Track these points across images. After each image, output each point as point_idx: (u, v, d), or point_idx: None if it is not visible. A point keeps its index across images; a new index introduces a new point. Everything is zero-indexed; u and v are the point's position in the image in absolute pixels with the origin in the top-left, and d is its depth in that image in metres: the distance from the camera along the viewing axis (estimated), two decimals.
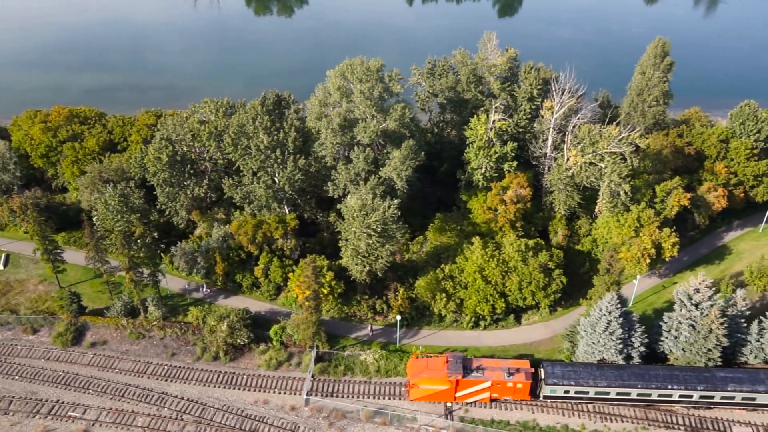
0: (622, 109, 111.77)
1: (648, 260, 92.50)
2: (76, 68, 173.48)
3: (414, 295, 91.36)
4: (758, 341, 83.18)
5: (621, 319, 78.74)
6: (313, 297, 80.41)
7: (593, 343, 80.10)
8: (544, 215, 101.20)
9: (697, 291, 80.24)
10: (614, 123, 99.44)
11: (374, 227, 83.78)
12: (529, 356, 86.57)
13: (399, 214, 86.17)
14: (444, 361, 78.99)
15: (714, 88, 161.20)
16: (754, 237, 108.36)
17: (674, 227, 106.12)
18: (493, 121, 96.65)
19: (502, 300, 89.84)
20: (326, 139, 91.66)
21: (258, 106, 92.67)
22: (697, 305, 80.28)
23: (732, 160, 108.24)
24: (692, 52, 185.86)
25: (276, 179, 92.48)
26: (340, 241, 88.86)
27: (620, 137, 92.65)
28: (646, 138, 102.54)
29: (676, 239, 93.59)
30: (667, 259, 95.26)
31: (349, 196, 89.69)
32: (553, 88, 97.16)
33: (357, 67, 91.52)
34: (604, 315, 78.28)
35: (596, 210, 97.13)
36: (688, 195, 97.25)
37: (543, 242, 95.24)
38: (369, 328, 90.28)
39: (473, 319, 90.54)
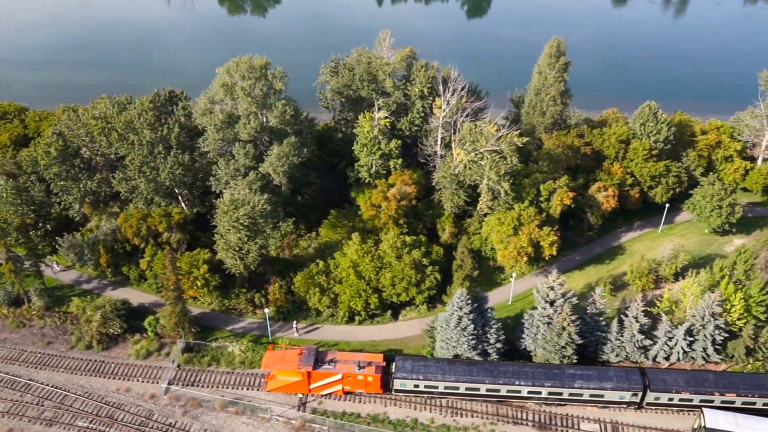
0: (523, 109, 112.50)
1: (525, 258, 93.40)
2: (27, 65, 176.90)
3: (292, 290, 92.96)
4: (618, 340, 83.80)
5: (473, 315, 79.71)
6: (173, 288, 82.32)
7: (447, 338, 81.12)
8: (433, 213, 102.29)
9: (552, 289, 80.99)
10: (514, 124, 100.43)
11: (242, 221, 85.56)
12: (399, 351, 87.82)
13: (268, 208, 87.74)
14: (297, 354, 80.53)
15: (658, 89, 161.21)
16: (651, 238, 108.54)
17: (572, 226, 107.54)
18: (378, 118, 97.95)
19: (376, 296, 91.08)
20: (210, 134, 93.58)
21: (146, 102, 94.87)
22: (551, 303, 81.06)
23: (632, 160, 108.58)
24: (645, 53, 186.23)
25: (159, 174, 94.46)
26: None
27: (498, 136, 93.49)
28: (539, 137, 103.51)
29: (555, 238, 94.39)
30: (546, 258, 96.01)
31: (227, 191, 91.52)
32: (441, 87, 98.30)
33: (241, 64, 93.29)
34: (456, 311, 79.28)
35: (478, 208, 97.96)
36: (571, 194, 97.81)
37: (424, 239, 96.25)
38: (294, 325, 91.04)
39: (348, 314, 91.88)
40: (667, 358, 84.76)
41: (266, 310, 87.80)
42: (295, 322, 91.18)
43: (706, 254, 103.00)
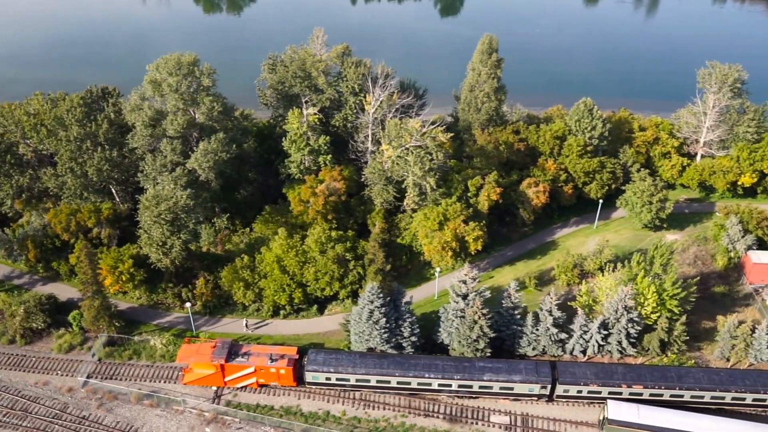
0: (460, 106, 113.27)
1: (450, 253, 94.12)
2: None
3: (219, 285, 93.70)
4: (534, 333, 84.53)
5: (385, 308, 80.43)
6: (91, 282, 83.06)
7: (360, 332, 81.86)
8: (365, 209, 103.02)
9: (464, 283, 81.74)
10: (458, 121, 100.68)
11: (164, 216, 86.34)
12: (320, 345, 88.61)
13: (191, 204, 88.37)
14: (212, 347, 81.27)
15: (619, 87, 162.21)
16: (586, 233, 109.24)
17: (508, 222, 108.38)
18: (307, 114, 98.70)
19: (300, 290, 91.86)
20: (139, 131, 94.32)
21: (75, 98, 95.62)
22: (464, 297, 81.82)
23: (567, 157, 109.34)
24: (602, 51, 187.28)
25: (87, 169, 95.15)
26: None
27: (423, 131, 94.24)
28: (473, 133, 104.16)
29: (481, 233, 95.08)
30: (472, 252, 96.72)
31: (152, 186, 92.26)
32: (371, 83, 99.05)
33: (169, 61, 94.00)
34: (367, 304, 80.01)
35: (404, 204, 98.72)
36: (498, 190, 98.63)
37: (351, 234, 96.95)
38: (245, 322, 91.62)
39: (273, 308, 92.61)
40: (583, 352, 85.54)
41: (188, 305, 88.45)
42: (245, 319, 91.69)
43: (637, 249, 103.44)
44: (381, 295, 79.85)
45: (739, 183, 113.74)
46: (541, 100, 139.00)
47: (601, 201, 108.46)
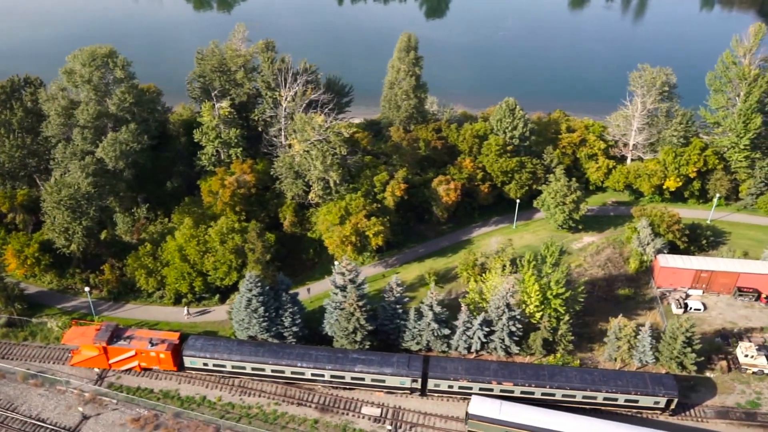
0: (381, 102, 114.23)
1: (350, 247, 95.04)
2: None
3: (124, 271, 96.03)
4: (416, 328, 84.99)
5: (264, 297, 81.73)
6: None
7: (240, 320, 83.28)
8: (278, 202, 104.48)
9: (342, 275, 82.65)
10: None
11: (65, 203, 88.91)
12: (214, 332, 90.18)
13: (92, 191, 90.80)
14: (96, 329, 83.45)
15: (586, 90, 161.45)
16: (504, 233, 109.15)
17: (426, 220, 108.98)
18: (218, 107, 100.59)
19: (201, 279, 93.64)
20: (53, 119, 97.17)
21: None
22: (342, 289, 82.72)
23: (486, 156, 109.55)
24: (565, 53, 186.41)
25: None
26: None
27: (327, 126, 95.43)
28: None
29: (381, 228, 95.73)
30: (373, 248, 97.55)
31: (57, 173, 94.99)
32: (286, 78, 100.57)
33: (84, 52, 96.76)
34: (246, 293, 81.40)
35: (309, 197, 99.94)
36: (404, 186, 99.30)
37: (256, 225, 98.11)
38: (185, 310, 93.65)
39: (175, 295, 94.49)
40: (468, 349, 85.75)
41: (87, 289, 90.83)
42: (186, 306, 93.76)
43: (564, 251, 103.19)
44: (259, 284, 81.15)
45: (665, 187, 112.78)
46: (491, 100, 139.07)
47: (518, 201, 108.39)
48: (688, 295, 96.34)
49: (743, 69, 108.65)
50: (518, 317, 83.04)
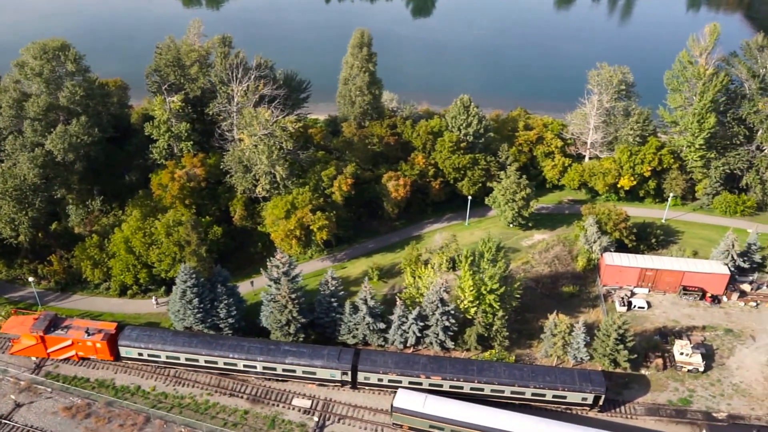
0: (336, 98, 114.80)
1: (294, 241, 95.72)
2: None
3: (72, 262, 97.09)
4: (351, 322, 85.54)
5: (198, 288, 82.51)
6: None
7: (176, 311, 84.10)
8: (229, 195, 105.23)
9: (277, 267, 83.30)
10: None
11: (10, 193, 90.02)
12: (157, 324, 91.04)
13: (38, 182, 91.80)
14: (34, 318, 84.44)
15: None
16: (456, 230, 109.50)
17: (379, 215, 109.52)
18: (169, 101, 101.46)
19: (146, 271, 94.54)
20: (4, 111, 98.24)
21: None
22: (276, 281, 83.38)
23: (439, 152, 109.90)
24: (537, 51, 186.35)
25: None
26: None
27: (274, 120, 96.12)
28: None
29: (326, 222, 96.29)
30: (319, 242, 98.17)
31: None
32: (237, 74, 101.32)
33: (35, 45, 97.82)
34: (181, 284, 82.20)
35: (257, 191, 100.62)
36: (350, 181, 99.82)
37: (205, 219, 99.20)
38: (154, 299, 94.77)
39: (120, 287, 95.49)
40: (404, 343, 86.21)
41: (31, 280, 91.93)
42: (154, 296, 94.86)
43: (502, 247, 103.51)
44: (194, 275, 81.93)
45: (619, 186, 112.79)
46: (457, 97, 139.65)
47: (470, 198, 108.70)
48: (633, 294, 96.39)
49: (699, 68, 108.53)
50: (452, 312, 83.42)
